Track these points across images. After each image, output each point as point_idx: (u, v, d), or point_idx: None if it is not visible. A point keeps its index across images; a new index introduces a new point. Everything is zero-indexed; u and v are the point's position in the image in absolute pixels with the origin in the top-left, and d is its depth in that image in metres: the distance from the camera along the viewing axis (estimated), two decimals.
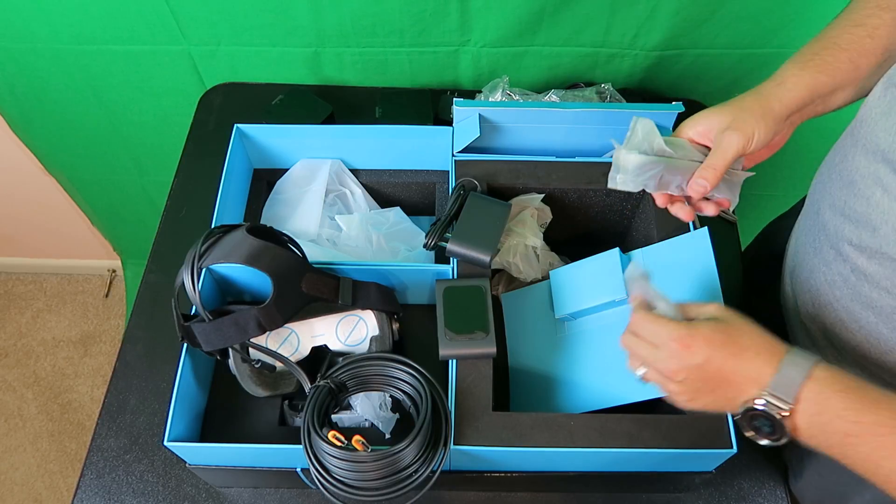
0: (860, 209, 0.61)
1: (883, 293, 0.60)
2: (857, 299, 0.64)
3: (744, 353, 0.55)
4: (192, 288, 0.72)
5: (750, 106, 0.65)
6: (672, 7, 1.01)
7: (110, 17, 1.08)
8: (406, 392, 0.73)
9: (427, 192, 1.00)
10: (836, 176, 0.66)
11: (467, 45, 1.10)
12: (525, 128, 0.90)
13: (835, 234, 0.65)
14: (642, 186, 0.67)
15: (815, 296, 0.71)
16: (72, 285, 2.01)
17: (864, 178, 0.60)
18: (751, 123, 0.63)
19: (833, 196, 0.66)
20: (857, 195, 0.61)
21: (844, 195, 0.63)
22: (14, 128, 1.34)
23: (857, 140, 0.62)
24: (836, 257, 0.65)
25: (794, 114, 0.66)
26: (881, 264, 0.60)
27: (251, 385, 0.76)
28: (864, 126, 0.61)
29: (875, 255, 0.60)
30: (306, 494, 0.81)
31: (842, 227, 0.64)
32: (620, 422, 0.71)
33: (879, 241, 0.59)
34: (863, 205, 0.60)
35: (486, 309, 0.76)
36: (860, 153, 0.61)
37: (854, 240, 0.62)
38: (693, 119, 0.67)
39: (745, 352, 0.55)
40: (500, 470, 0.76)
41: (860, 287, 0.63)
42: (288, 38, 1.10)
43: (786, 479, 0.83)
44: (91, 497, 0.82)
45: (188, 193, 1.06)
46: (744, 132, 0.63)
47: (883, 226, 0.58)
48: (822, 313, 0.70)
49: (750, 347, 0.55)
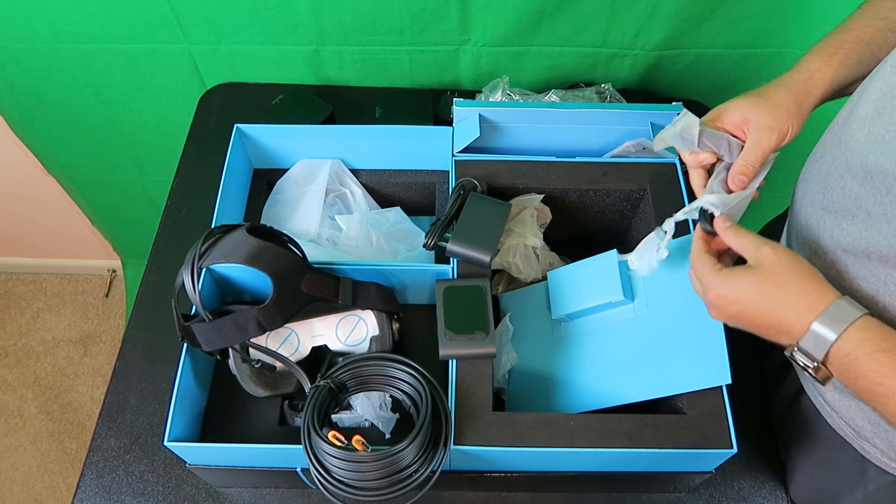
0: (837, 199, 0.62)
1: (862, 282, 0.61)
2: None
3: (779, 306, 0.56)
4: (192, 288, 0.72)
5: (784, 102, 0.66)
6: (672, 7, 1.01)
7: (111, 16, 1.08)
8: (406, 392, 0.73)
9: (427, 192, 1.00)
10: (816, 171, 0.67)
11: (467, 45, 1.10)
12: (525, 128, 0.90)
13: (816, 227, 0.66)
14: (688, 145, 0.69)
15: None
16: (72, 285, 2.01)
17: (837, 170, 0.62)
18: (786, 120, 0.65)
19: (813, 190, 0.67)
20: (833, 187, 0.62)
21: (822, 188, 0.64)
22: (14, 128, 1.34)
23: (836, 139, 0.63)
24: (816, 250, 0.66)
25: (817, 105, 0.68)
26: (856, 255, 0.60)
27: (251, 385, 0.76)
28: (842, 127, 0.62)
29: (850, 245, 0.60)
30: (306, 494, 0.81)
31: (823, 220, 0.65)
32: (620, 422, 0.71)
33: (858, 227, 0.59)
34: (838, 195, 0.61)
35: (486, 309, 0.76)
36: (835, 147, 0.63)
37: (835, 232, 0.63)
38: (728, 109, 0.68)
39: (780, 305, 0.56)
40: (500, 470, 0.76)
41: (839, 280, 0.63)
42: (288, 36, 1.10)
43: (786, 478, 0.83)
44: (91, 497, 0.82)
45: (188, 193, 1.06)
46: (780, 130, 0.65)
47: (859, 213, 0.59)
48: None
49: (787, 301, 0.56)
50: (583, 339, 0.80)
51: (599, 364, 0.78)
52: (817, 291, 0.56)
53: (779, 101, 0.66)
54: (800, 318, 0.55)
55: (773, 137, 0.65)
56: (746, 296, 0.58)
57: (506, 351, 0.83)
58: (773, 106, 0.66)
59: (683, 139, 0.68)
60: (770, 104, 0.66)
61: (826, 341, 0.54)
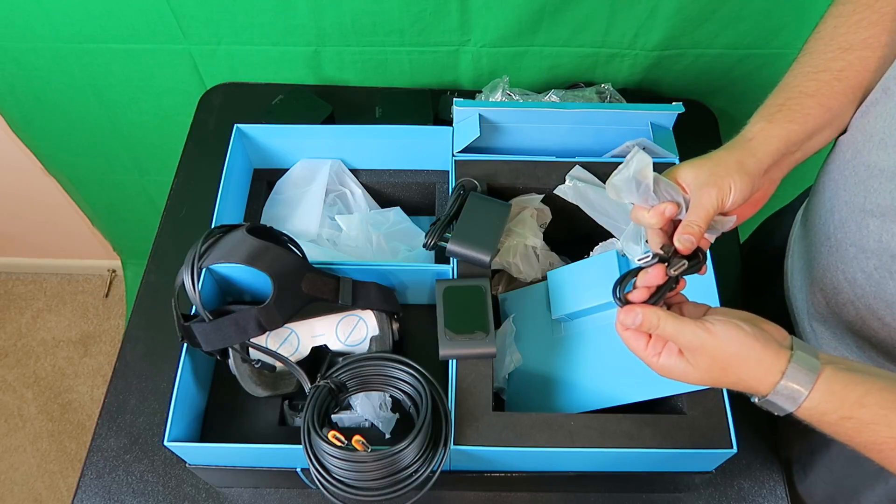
0: (883, 202, 0.60)
1: None
2: (881, 296, 0.63)
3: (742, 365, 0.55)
4: (192, 288, 0.72)
5: (724, 161, 0.63)
6: (672, 7, 1.01)
7: (111, 16, 1.08)
8: (406, 392, 0.73)
9: (427, 192, 1.00)
10: (851, 172, 0.65)
11: (467, 45, 1.10)
12: (525, 128, 0.90)
13: (856, 230, 0.64)
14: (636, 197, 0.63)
15: (833, 294, 0.70)
16: (72, 285, 2.01)
17: (883, 172, 0.60)
18: (726, 179, 0.61)
19: (849, 192, 0.65)
20: (878, 189, 0.61)
21: (863, 190, 0.63)
22: (14, 128, 1.34)
23: (870, 136, 0.62)
24: (857, 254, 0.65)
25: (771, 167, 0.64)
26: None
27: (251, 385, 0.76)
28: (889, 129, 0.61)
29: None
30: (306, 494, 0.81)
31: (865, 223, 0.63)
32: (620, 422, 0.71)
33: None
34: (885, 198, 0.60)
35: (486, 309, 0.76)
36: (875, 148, 0.61)
37: (883, 236, 0.61)
38: (674, 172, 0.64)
39: (743, 364, 0.55)
40: (500, 470, 0.76)
41: (884, 284, 0.62)
42: (288, 36, 1.10)
43: (786, 479, 0.83)
44: (91, 497, 0.82)
45: (188, 193, 1.06)
46: (720, 188, 0.61)
47: None
48: (841, 311, 0.70)
49: (748, 361, 0.55)
50: (583, 339, 0.80)
51: (599, 364, 0.78)
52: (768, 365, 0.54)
53: (719, 161, 0.63)
54: (762, 383, 0.54)
55: (712, 194, 0.60)
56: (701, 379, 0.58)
57: (510, 352, 0.82)
58: (713, 164, 0.63)
59: (638, 184, 0.60)
60: (710, 163, 0.63)
61: (795, 402, 0.53)
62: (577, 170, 0.87)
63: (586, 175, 0.86)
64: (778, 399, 0.53)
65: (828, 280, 0.71)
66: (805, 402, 0.52)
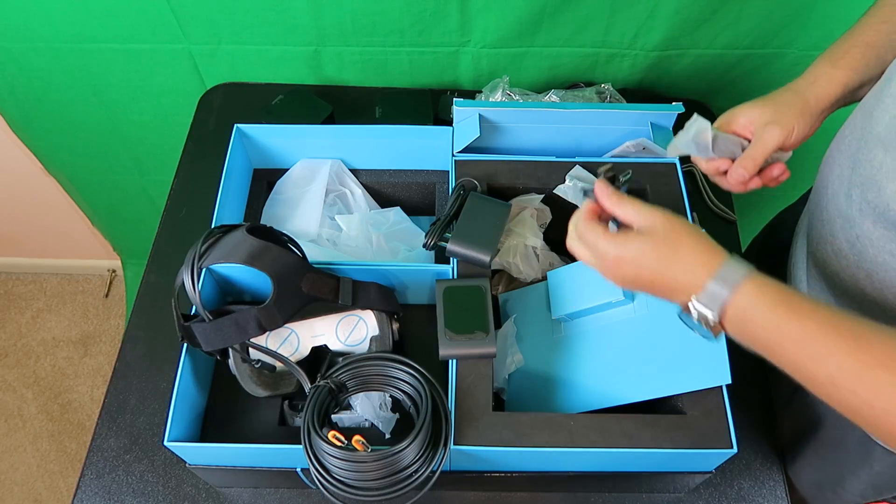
0: (865, 172, 0.62)
1: (887, 255, 0.61)
2: (862, 265, 0.64)
3: (675, 265, 0.57)
4: (192, 288, 0.72)
5: (789, 102, 0.68)
6: (672, 7, 1.01)
7: (111, 16, 1.08)
8: (406, 392, 0.73)
9: (427, 192, 1.00)
10: (845, 148, 0.67)
11: (467, 46, 1.10)
12: (525, 128, 0.90)
13: (845, 201, 0.66)
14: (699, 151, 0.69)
15: (823, 266, 0.71)
16: (72, 285, 2.01)
17: (867, 145, 0.62)
18: (790, 118, 0.67)
19: (841, 165, 0.67)
20: (862, 160, 0.63)
21: (851, 163, 0.65)
22: (14, 128, 1.34)
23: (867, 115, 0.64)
24: (843, 225, 0.66)
25: (826, 109, 0.69)
26: (885, 226, 0.60)
27: (251, 385, 0.76)
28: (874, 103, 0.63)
29: (880, 216, 0.60)
30: (306, 494, 0.81)
31: (850, 192, 0.65)
32: (620, 422, 0.71)
33: (886, 199, 0.59)
34: (867, 168, 0.62)
35: (486, 309, 0.76)
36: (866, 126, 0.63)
37: (863, 205, 0.63)
38: (735, 113, 0.70)
39: (676, 264, 0.57)
40: (500, 470, 0.76)
41: (864, 251, 0.63)
42: (288, 36, 1.10)
43: (786, 479, 0.83)
44: (91, 497, 0.82)
45: (188, 193, 1.06)
46: (784, 126, 0.66)
47: (889, 184, 0.59)
48: (831, 283, 0.71)
49: (682, 260, 0.57)
50: (583, 339, 0.80)
51: (599, 364, 0.78)
52: (709, 251, 0.57)
53: (783, 101, 0.68)
54: (696, 277, 0.56)
55: (775, 132, 0.67)
56: (645, 258, 0.59)
57: (511, 353, 0.82)
58: (778, 105, 0.68)
59: (698, 145, 0.68)
60: (774, 104, 0.68)
61: (722, 297, 0.54)
62: (577, 170, 0.87)
63: (586, 175, 0.87)
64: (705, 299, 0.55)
65: (819, 254, 0.72)
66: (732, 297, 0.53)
